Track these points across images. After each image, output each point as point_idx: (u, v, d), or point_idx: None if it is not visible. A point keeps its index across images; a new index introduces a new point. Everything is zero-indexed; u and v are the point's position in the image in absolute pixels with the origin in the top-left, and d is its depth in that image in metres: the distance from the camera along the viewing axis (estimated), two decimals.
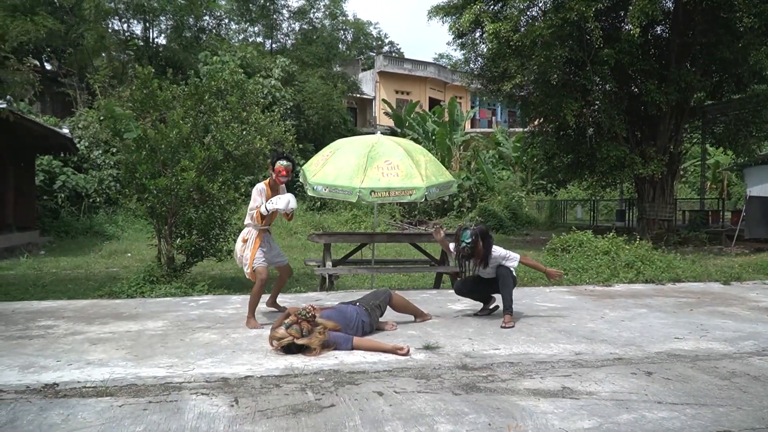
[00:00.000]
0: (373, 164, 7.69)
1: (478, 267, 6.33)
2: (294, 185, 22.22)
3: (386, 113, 38.05)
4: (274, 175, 6.08)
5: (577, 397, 3.82)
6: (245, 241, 6.06)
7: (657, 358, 4.78)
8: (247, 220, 6.12)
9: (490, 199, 27.52)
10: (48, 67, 28.61)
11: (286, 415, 3.49)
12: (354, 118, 40.22)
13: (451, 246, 6.60)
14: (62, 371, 4.28)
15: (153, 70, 8.83)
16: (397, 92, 43.07)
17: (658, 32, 18.16)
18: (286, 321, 4.88)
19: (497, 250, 6.33)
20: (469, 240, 6.14)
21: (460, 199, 26.74)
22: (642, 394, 3.86)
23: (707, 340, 5.37)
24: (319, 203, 24.33)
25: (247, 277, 6.13)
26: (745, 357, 4.84)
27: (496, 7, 17.33)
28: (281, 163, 6.04)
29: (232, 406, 3.63)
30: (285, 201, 5.89)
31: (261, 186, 6.08)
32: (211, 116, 8.77)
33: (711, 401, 3.75)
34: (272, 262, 6.24)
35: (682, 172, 32.67)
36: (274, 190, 6.15)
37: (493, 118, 46.83)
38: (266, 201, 5.95)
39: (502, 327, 5.88)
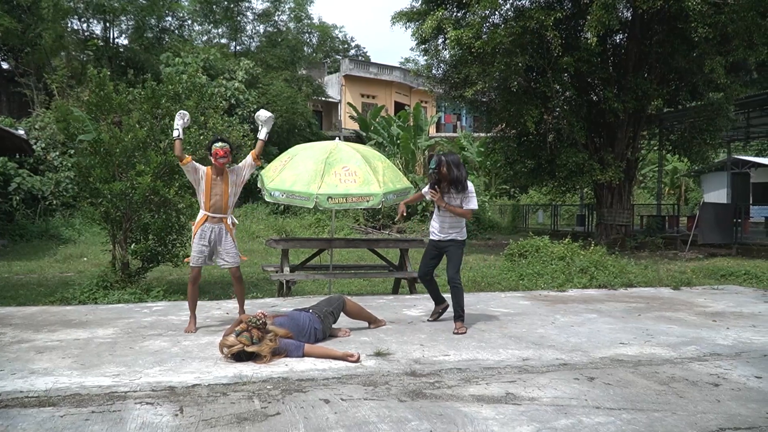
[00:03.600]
0: (330, 170, 7.73)
1: (446, 194, 6.26)
2: (255, 190, 22.09)
3: (352, 117, 38.11)
4: (213, 160, 5.97)
5: (519, 402, 3.90)
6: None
7: (601, 363, 4.89)
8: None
9: None
10: (4, 66, 28.01)
11: (231, 424, 3.50)
12: (319, 122, 40.13)
13: (426, 188, 6.58)
14: (5, 381, 4.21)
15: (108, 73, 8.73)
16: (362, 96, 43.10)
17: (617, 41, 18.54)
18: (236, 328, 4.87)
19: (471, 189, 6.30)
20: (435, 166, 6.26)
21: (425, 203, 26.87)
22: (582, 400, 3.96)
23: (651, 346, 5.51)
24: (282, 207, 24.23)
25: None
26: (686, 362, 4.98)
27: (458, 14, 17.50)
28: (216, 145, 5.95)
29: (177, 415, 3.62)
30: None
31: (201, 166, 6.04)
32: (168, 120, 8.69)
33: (648, 406, 3.86)
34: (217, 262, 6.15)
35: (641, 178, 33.35)
36: (217, 175, 6.02)
37: (458, 122, 47.15)
38: (205, 186, 5.95)
39: (454, 333, 5.95)
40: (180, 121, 5.98)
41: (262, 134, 6.23)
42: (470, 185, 6.31)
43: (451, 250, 6.38)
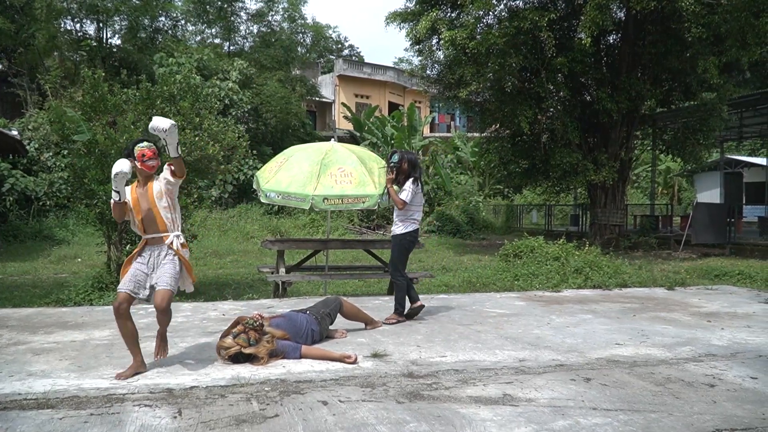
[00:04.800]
0: (326, 171, 7.73)
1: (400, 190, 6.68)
2: (250, 190, 22.08)
3: (346, 117, 38.07)
4: (138, 164, 4.58)
5: (517, 404, 3.92)
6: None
7: (597, 364, 4.92)
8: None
9: (448, 203, 27.74)
10: None
11: (230, 426, 3.50)
12: (313, 122, 40.13)
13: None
14: (3, 383, 4.20)
15: (103, 74, 8.71)
16: (356, 96, 43.10)
17: (610, 41, 18.61)
18: (234, 330, 4.88)
19: (409, 185, 6.60)
20: (397, 160, 6.66)
21: None
22: (579, 401, 3.98)
23: (646, 346, 5.54)
24: (276, 207, 24.20)
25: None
26: (681, 363, 5.01)
27: (452, 15, 17.53)
28: (141, 146, 4.61)
29: (175, 417, 3.62)
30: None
31: (126, 189, 4.62)
32: None
33: (644, 407, 3.88)
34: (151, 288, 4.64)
35: (634, 178, 33.45)
36: (144, 184, 4.69)
37: (452, 122, 47.22)
38: (132, 202, 4.63)
39: (384, 322, 6.43)
40: (120, 177, 4.43)
41: (173, 151, 4.54)
42: (413, 185, 6.61)
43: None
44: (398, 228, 6.68)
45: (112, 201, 4.59)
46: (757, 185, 27.18)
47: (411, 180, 6.59)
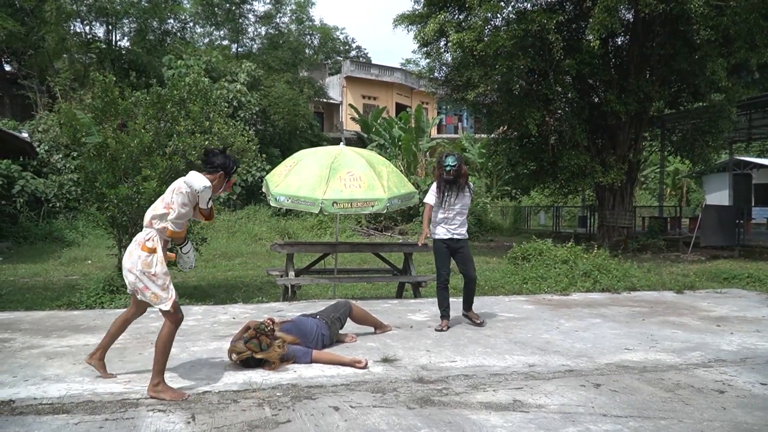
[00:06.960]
0: (335, 175, 7.78)
1: (453, 195, 6.50)
2: (259, 193, 22.13)
3: (353, 118, 38.11)
4: (225, 185, 4.61)
5: (527, 410, 3.94)
6: (153, 251, 4.38)
7: (606, 369, 4.93)
8: (161, 224, 4.43)
9: None
10: (7, 68, 28.05)
11: (243, 431, 3.54)
12: (321, 124, 40.18)
13: (431, 196, 6.63)
14: (18, 387, 4.25)
15: (114, 78, 8.77)
16: (364, 97, 43.15)
17: (618, 43, 18.59)
18: (245, 335, 4.91)
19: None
20: (455, 163, 6.45)
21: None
22: (589, 407, 4.00)
23: (656, 351, 5.55)
24: (284, 209, 24.27)
25: (164, 308, 4.39)
26: (691, 369, 5.01)
27: (460, 17, 17.55)
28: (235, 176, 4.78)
29: (189, 422, 3.66)
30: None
31: (207, 182, 4.31)
32: (174, 125, 8.74)
33: (654, 414, 3.90)
34: None
35: (642, 180, 33.33)
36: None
37: (459, 124, 47.18)
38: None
39: (478, 323, 6.57)
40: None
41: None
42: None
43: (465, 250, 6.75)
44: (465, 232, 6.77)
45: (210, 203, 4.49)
46: (766, 186, 27.07)
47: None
